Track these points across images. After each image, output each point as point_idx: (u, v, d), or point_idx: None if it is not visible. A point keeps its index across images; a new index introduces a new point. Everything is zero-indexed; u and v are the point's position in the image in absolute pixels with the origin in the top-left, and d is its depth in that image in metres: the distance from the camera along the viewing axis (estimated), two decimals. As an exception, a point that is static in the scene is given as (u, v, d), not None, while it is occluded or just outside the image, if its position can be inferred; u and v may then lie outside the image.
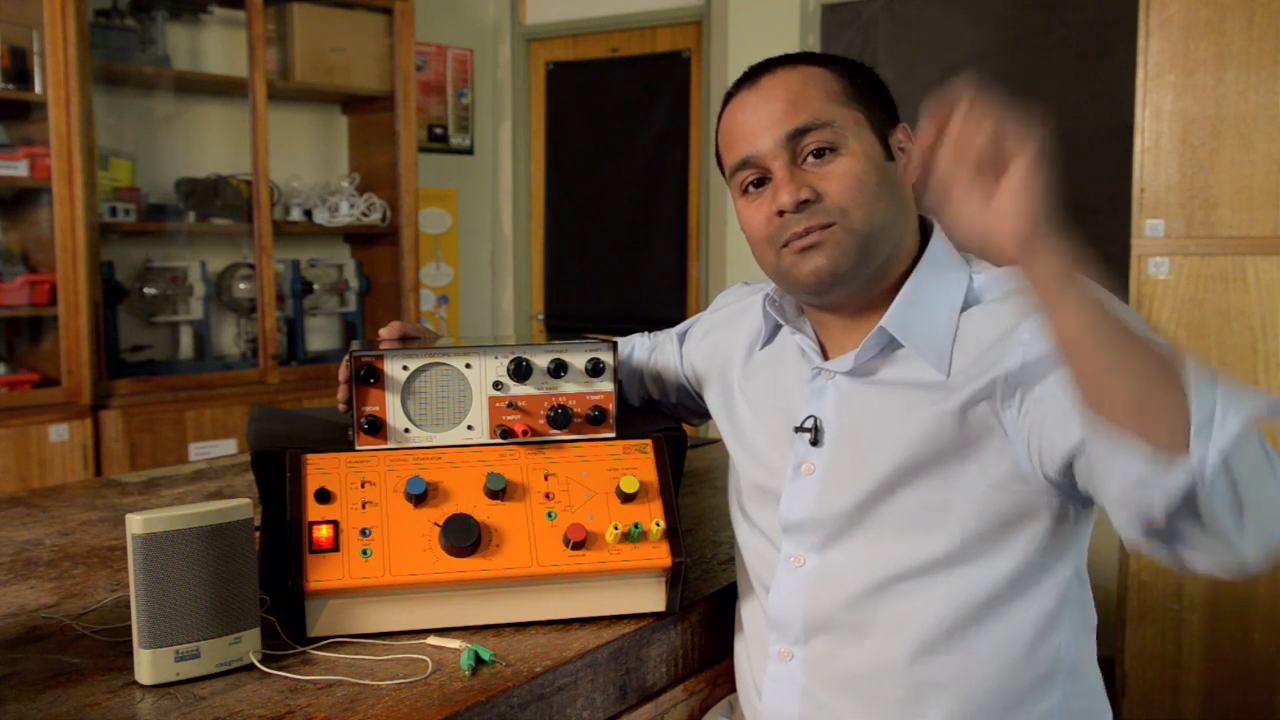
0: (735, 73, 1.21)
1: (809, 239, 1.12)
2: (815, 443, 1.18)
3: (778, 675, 1.19)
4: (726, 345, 1.38)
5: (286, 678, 1.04)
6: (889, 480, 1.12)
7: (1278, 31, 2.41)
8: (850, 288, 1.15)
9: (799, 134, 1.12)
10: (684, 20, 4.20)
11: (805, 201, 1.11)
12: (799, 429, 1.19)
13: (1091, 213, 3.35)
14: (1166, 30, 2.52)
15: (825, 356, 1.22)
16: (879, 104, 1.18)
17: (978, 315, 1.12)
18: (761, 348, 1.31)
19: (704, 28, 4.11)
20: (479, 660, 1.08)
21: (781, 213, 1.13)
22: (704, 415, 1.53)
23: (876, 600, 1.12)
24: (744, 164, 1.16)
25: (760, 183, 1.16)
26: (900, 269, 1.17)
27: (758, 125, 1.14)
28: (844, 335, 1.19)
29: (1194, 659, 2.59)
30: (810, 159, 1.13)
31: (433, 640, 1.14)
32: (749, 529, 1.28)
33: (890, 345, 1.15)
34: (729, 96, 1.21)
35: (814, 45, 3.81)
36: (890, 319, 1.13)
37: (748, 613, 1.27)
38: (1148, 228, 2.56)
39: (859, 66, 1.20)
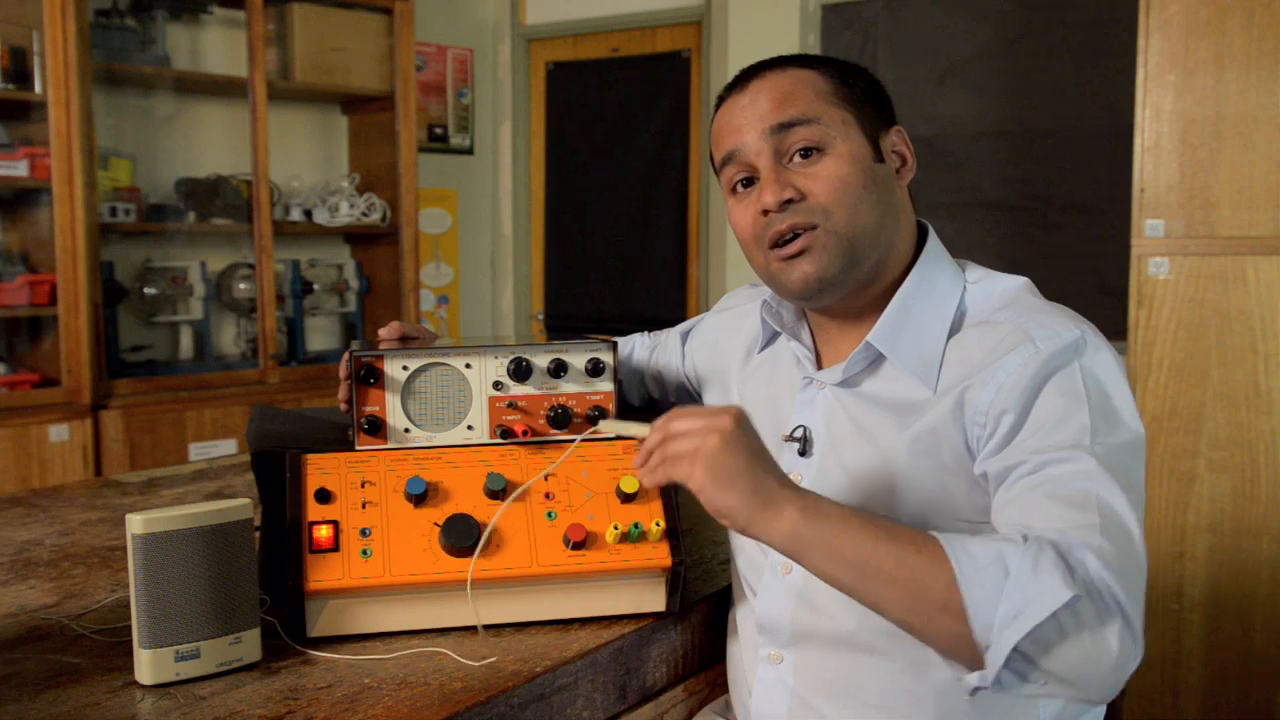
0: (735, 73, 1.20)
1: (794, 245, 1.11)
2: (804, 453, 1.18)
3: (767, 678, 1.19)
4: (728, 347, 1.37)
5: (286, 678, 1.04)
6: (874, 494, 1.11)
7: (1278, 31, 2.41)
8: (840, 292, 1.14)
9: (784, 128, 1.11)
10: (684, 20, 4.20)
11: (789, 201, 1.11)
12: (788, 438, 1.19)
13: (1091, 213, 3.35)
14: (1166, 30, 2.51)
15: (820, 364, 1.21)
16: (871, 105, 1.16)
17: (967, 335, 1.10)
18: (760, 351, 1.31)
19: (704, 28, 4.11)
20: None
21: (766, 211, 1.12)
22: (704, 416, 1.52)
23: (864, 612, 1.11)
24: (730, 157, 1.16)
25: (749, 182, 1.16)
26: (894, 274, 1.16)
27: (744, 121, 1.14)
28: (841, 341, 1.19)
29: (1194, 659, 2.59)
30: (797, 158, 1.12)
31: (433, 640, 1.14)
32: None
33: (879, 358, 1.14)
34: (719, 100, 1.20)
35: (814, 45, 3.81)
36: (877, 334, 1.13)
37: (741, 615, 1.27)
38: (1148, 228, 2.56)
39: (851, 67, 1.19)
